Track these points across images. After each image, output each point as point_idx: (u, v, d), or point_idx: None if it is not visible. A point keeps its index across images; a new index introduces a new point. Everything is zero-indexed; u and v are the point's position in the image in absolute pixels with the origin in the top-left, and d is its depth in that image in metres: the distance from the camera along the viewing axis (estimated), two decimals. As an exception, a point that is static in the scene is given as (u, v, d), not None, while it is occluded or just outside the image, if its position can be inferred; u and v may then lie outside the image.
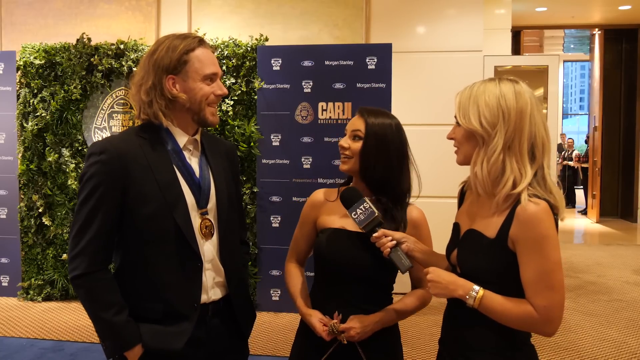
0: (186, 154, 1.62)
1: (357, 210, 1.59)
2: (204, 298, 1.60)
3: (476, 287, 1.36)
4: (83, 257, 1.49)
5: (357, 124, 1.73)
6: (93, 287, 1.51)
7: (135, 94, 1.59)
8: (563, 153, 11.75)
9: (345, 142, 1.74)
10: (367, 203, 1.59)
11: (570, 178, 11.42)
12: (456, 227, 1.53)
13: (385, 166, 1.70)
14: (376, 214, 1.58)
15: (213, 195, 1.64)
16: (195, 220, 1.58)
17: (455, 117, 1.45)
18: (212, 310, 1.63)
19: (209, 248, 1.61)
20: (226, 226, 1.65)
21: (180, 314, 1.55)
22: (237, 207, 1.78)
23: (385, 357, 1.73)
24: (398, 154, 1.72)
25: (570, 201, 11.44)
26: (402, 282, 1.82)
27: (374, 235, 1.59)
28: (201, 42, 1.59)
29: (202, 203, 1.60)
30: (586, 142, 11.63)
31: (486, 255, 1.39)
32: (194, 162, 1.63)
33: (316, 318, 1.69)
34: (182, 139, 1.61)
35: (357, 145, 1.71)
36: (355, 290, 1.70)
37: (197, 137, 1.66)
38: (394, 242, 1.57)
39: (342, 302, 1.70)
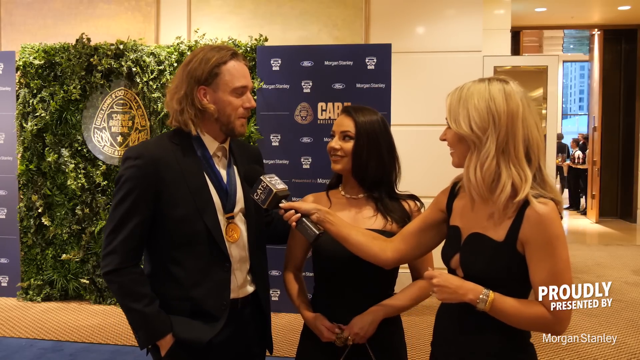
0: (215, 160, 1.70)
1: (257, 190, 1.58)
2: (232, 296, 1.67)
3: (486, 291, 1.34)
4: (115, 255, 1.58)
5: (345, 123, 1.73)
6: (125, 281, 1.59)
7: (168, 102, 1.68)
8: (572, 154, 11.57)
9: (336, 143, 1.73)
10: (264, 182, 1.57)
11: (575, 178, 11.21)
12: (456, 230, 1.47)
13: (377, 162, 1.71)
14: (274, 191, 1.56)
15: (240, 199, 1.71)
16: (223, 223, 1.65)
17: (446, 119, 1.43)
18: (241, 304, 1.71)
19: (236, 250, 1.69)
20: (252, 229, 1.73)
21: (208, 313, 1.62)
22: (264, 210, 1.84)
23: (392, 353, 1.74)
24: (388, 148, 1.74)
25: (576, 204, 11.23)
26: (404, 282, 1.82)
27: (279, 211, 1.59)
28: (234, 55, 1.66)
29: (228, 207, 1.68)
30: (579, 143, 11.44)
31: (495, 259, 1.37)
32: (222, 168, 1.71)
33: (321, 324, 1.70)
34: (211, 146, 1.69)
35: (349, 145, 1.71)
36: (358, 285, 1.71)
37: (226, 145, 1.73)
38: (299, 215, 1.56)
39: (345, 300, 1.71)
